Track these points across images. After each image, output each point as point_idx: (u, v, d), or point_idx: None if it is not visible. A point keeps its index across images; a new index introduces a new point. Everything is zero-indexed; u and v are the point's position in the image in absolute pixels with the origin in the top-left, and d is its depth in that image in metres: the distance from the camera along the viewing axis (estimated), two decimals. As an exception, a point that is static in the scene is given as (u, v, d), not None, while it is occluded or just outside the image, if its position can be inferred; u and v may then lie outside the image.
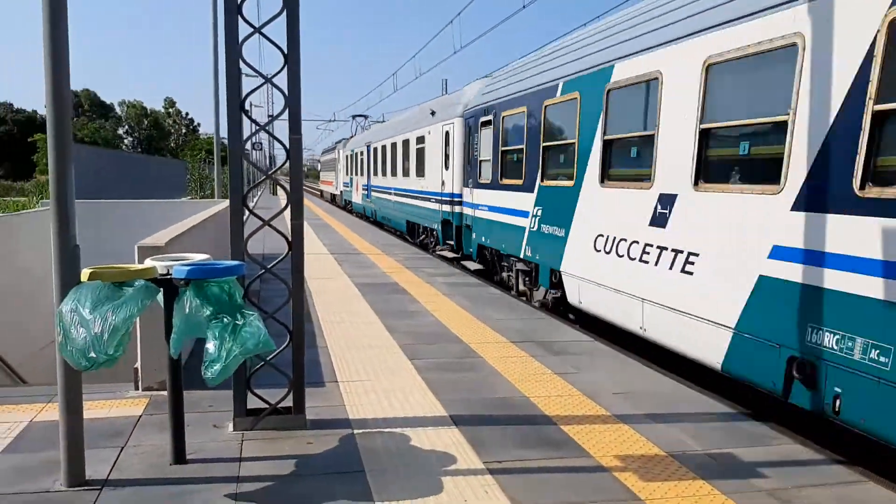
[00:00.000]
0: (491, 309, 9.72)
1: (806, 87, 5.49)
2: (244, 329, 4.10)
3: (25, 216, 13.65)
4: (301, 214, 5.14)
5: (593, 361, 7.13)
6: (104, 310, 3.88)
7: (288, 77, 5.01)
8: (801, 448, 4.95)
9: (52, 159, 4.01)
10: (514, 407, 5.71)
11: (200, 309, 4.14)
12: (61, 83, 4.00)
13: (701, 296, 6.72)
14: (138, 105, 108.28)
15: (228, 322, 4.12)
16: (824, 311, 5.25)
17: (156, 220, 12.99)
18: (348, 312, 9.36)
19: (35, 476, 4.27)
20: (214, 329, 4.11)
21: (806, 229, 5.46)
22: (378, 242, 19.18)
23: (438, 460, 4.63)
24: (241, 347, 4.04)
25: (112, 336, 3.86)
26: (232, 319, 4.14)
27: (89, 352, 3.84)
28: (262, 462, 4.57)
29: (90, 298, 3.90)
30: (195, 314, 4.18)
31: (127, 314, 3.93)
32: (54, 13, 3.92)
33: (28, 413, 5.38)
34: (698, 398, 6.07)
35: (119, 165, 36.01)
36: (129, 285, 4.10)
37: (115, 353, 3.90)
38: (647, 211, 7.71)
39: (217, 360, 4.03)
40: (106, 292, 3.96)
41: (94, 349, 3.83)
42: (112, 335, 3.86)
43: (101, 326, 3.83)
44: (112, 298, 3.95)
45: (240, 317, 4.16)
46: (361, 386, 6.19)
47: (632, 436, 5.10)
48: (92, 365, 3.88)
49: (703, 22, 6.90)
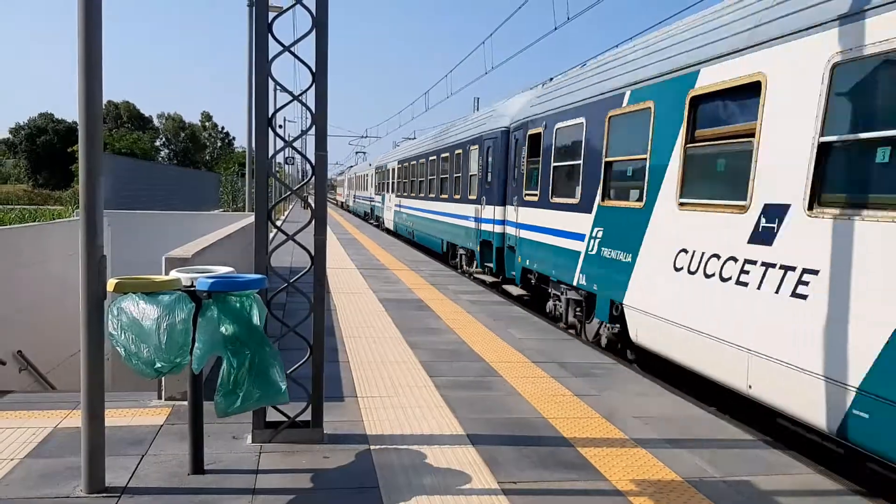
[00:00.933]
0: (514, 328, 9.71)
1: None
2: (265, 375, 4.30)
3: (59, 225, 13.93)
4: (324, 230, 5.21)
5: (614, 384, 7.09)
6: (156, 321, 4.01)
7: (315, 95, 5.10)
8: (821, 478, 4.87)
9: (83, 169, 4.11)
10: (532, 427, 5.69)
11: (222, 323, 4.23)
12: (94, 94, 4.09)
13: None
14: (177, 118, 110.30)
15: (251, 356, 4.26)
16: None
17: (188, 231, 13.18)
18: (371, 328, 9.41)
19: (57, 481, 4.36)
20: (233, 359, 4.24)
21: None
22: (405, 258, 19.26)
23: (454, 479, 4.63)
24: (257, 393, 4.30)
25: (170, 344, 4.03)
26: (252, 353, 4.27)
27: (156, 362, 4.03)
28: (278, 475, 4.61)
29: (133, 313, 4.02)
30: (218, 328, 4.26)
31: (180, 325, 4.07)
32: (88, 25, 4.02)
33: (54, 419, 5.49)
34: (719, 424, 6.00)
35: (154, 176, 36.61)
36: (164, 295, 4.21)
37: (181, 361, 4.12)
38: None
39: (231, 395, 4.21)
40: (146, 305, 4.06)
41: (159, 359, 4.02)
42: (170, 343, 4.03)
43: (159, 338, 4.00)
44: (157, 308, 4.06)
45: (261, 355, 4.30)
46: (380, 402, 6.22)
47: (649, 460, 5.06)
48: (160, 373, 4.12)
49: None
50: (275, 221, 5.24)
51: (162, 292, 4.16)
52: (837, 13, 5.46)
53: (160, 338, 3.97)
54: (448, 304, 11.54)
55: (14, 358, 10.41)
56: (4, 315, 10.25)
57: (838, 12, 5.45)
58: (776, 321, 5.87)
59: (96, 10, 4.04)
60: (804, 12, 5.90)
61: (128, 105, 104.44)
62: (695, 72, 7.46)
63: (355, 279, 14.42)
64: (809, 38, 5.76)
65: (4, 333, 10.01)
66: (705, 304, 6.92)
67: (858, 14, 5.24)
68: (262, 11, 4.98)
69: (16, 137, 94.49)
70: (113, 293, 4.13)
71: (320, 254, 5.18)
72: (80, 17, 4.01)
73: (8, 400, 6.02)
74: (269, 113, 5.08)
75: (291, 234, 5.17)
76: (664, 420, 6.01)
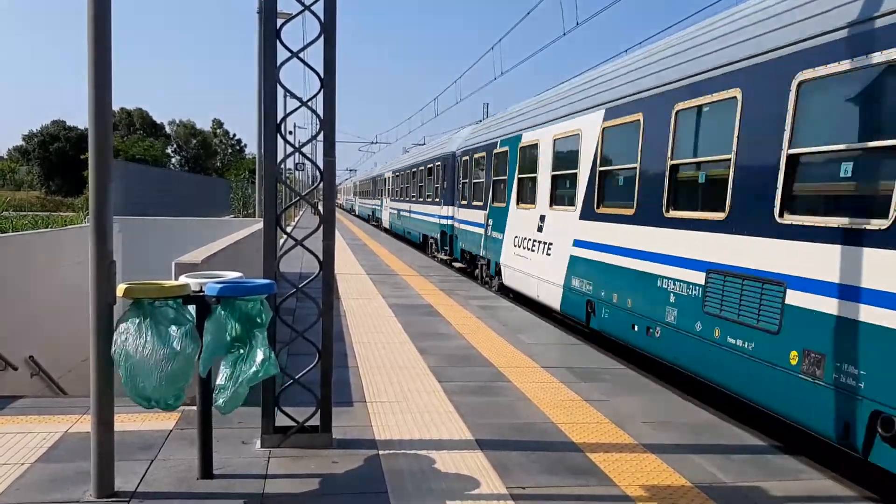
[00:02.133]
0: (523, 333, 9.69)
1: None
2: (249, 356, 4.24)
3: (70, 231, 14.03)
4: (332, 235, 5.22)
5: (624, 389, 7.06)
6: (157, 357, 4.00)
7: (323, 101, 5.12)
8: (832, 483, 4.83)
9: (93, 175, 4.13)
10: (541, 433, 5.68)
11: (230, 328, 4.24)
12: (103, 101, 4.11)
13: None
14: (188, 125, 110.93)
15: (243, 352, 4.28)
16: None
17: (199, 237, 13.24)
18: (380, 333, 9.42)
19: (66, 486, 4.38)
20: (229, 358, 4.26)
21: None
22: (414, 264, 19.27)
23: (462, 484, 4.62)
24: (245, 375, 4.21)
25: (170, 385, 4.05)
26: (245, 346, 4.29)
27: (151, 402, 4.09)
28: (286, 480, 4.61)
29: (132, 348, 4.02)
30: (225, 334, 4.28)
31: (184, 364, 4.08)
32: (98, 32, 4.05)
33: (64, 424, 5.52)
34: (729, 429, 5.96)
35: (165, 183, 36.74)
36: (173, 326, 4.21)
37: (174, 403, 4.15)
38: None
39: (225, 389, 4.20)
40: (149, 336, 4.06)
41: (154, 396, 4.07)
42: (170, 384, 4.05)
43: (158, 379, 4.01)
44: (160, 341, 4.06)
45: (250, 343, 4.30)
46: (389, 407, 6.22)
47: (659, 466, 5.04)
48: (151, 407, 4.14)
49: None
50: (284, 227, 5.25)
51: (170, 320, 4.15)
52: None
53: (159, 377, 3.99)
54: (457, 310, 11.54)
55: (26, 363, 10.48)
56: (17, 321, 10.33)
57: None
58: (546, 262, 11.84)
59: (106, 19, 4.08)
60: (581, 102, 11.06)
61: (141, 112, 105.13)
62: (519, 134, 13.78)
63: (365, 284, 14.44)
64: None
65: (17, 339, 10.09)
66: (525, 260, 13.04)
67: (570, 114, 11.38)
68: (270, 18, 5.01)
69: (29, 144, 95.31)
70: (123, 298, 4.15)
71: (329, 259, 5.19)
72: (89, 25, 4.05)
73: (19, 405, 6.05)
74: (278, 119, 5.10)
75: (300, 240, 5.18)
76: (673, 425, 5.98)
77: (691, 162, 7.74)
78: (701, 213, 7.42)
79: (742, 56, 6.84)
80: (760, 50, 6.58)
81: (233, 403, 4.27)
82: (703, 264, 7.25)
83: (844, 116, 5.60)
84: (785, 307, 6.00)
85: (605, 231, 9.74)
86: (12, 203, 44.35)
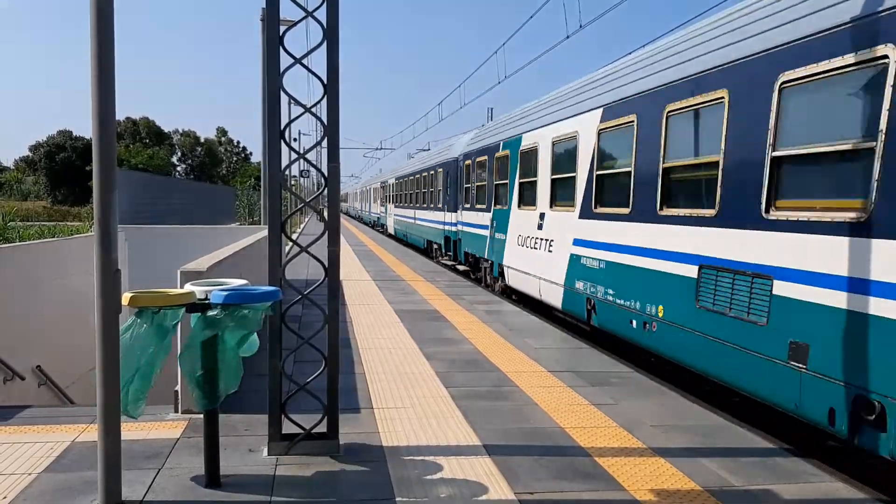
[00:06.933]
0: (529, 337, 9.66)
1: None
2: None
3: (76, 240, 14.06)
4: (338, 241, 5.20)
5: (631, 393, 7.02)
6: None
7: (327, 107, 5.12)
8: (843, 486, 4.79)
9: (97, 183, 4.11)
10: (549, 437, 5.65)
11: (234, 335, 4.24)
12: (107, 110, 4.10)
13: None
14: (192, 134, 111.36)
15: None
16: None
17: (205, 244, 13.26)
18: (386, 339, 9.40)
19: (73, 495, 4.37)
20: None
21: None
22: (419, 269, 19.26)
23: (470, 490, 4.60)
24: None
25: (135, 397, 4.27)
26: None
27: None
28: (294, 487, 4.59)
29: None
30: (230, 340, 4.28)
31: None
32: (101, 43, 4.05)
33: (71, 433, 5.51)
34: (738, 432, 5.92)
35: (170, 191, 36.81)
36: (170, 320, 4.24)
37: (133, 413, 4.31)
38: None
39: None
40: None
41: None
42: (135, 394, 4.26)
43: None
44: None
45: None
46: (396, 413, 6.20)
47: (668, 469, 5.00)
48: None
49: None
50: (289, 234, 5.25)
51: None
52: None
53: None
54: (463, 315, 11.52)
55: (33, 373, 10.50)
56: (24, 330, 10.35)
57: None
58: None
59: (109, 27, 4.07)
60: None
61: (147, 121, 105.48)
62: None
63: (371, 290, 14.43)
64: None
65: (24, 348, 10.10)
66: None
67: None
68: (273, 24, 5.01)
69: (35, 155, 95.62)
70: (128, 307, 4.15)
71: (334, 265, 5.18)
72: (92, 33, 4.04)
73: (27, 414, 6.06)
74: (282, 125, 5.10)
75: (305, 246, 5.17)
76: (682, 428, 5.94)
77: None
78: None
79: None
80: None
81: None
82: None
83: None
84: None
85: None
86: (19, 213, 44.49)
